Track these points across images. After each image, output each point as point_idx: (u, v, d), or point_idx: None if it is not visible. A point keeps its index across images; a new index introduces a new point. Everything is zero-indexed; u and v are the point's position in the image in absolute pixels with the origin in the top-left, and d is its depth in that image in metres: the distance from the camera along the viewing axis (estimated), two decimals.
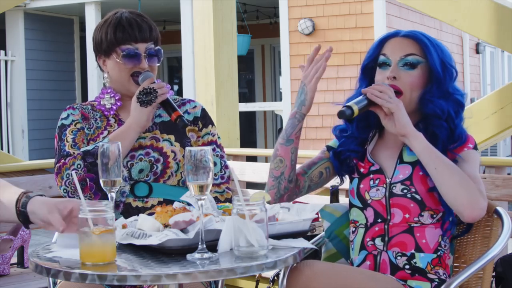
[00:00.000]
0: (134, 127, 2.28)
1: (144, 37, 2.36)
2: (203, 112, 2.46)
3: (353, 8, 8.51)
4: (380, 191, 2.17)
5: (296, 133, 2.22)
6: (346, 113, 2.09)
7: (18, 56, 10.51)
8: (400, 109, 2.08)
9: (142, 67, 2.36)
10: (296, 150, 2.23)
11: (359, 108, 2.10)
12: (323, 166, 2.30)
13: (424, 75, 2.17)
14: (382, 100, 2.08)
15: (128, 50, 2.34)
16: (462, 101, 2.19)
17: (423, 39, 2.18)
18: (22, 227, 3.41)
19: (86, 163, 2.22)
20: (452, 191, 2.02)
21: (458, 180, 2.02)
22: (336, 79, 8.55)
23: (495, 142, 5.40)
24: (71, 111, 2.40)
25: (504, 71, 14.32)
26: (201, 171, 1.70)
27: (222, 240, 1.74)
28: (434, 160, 2.06)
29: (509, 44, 4.30)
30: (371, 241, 2.16)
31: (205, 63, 5.11)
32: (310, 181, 2.28)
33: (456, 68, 2.22)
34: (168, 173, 2.32)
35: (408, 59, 2.17)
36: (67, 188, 2.24)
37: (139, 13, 2.43)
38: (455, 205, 2.03)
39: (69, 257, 1.76)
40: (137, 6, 9.16)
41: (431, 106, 2.14)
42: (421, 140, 2.08)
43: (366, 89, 2.12)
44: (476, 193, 2.02)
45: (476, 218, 2.04)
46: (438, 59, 2.16)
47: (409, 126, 2.09)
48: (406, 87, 2.16)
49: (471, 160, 2.12)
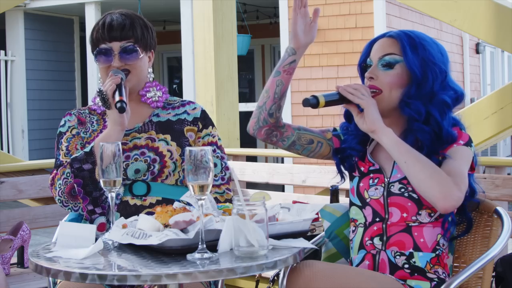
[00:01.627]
0: (113, 128, 2.28)
1: (116, 36, 2.35)
2: (203, 114, 2.46)
3: (353, 8, 8.51)
4: (379, 190, 2.17)
5: (284, 66, 2.21)
6: (310, 101, 2.12)
7: (18, 56, 10.51)
8: (370, 106, 2.10)
9: (114, 65, 2.35)
10: (282, 83, 2.22)
11: (326, 100, 2.12)
12: (318, 139, 2.30)
13: (404, 74, 2.16)
14: (353, 96, 2.11)
15: (100, 50, 2.36)
16: (448, 101, 2.15)
17: (402, 38, 2.17)
18: (22, 227, 3.41)
19: (73, 169, 2.24)
20: (422, 184, 2.02)
21: (429, 172, 2.02)
22: (336, 79, 8.55)
23: (495, 142, 5.40)
24: (68, 118, 2.43)
25: (504, 71, 14.31)
26: (201, 171, 1.70)
27: (222, 240, 1.74)
28: (403, 154, 2.06)
29: (509, 44, 4.30)
30: (370, 240, 2.17)
31: (205, 63, 5.10)
32: (298, 139, 2.27)
33: (447, 67, 2.19)
34: (166, 172, 2.32)
35: (386, 58, 2.17)
36: (60, 198, 2.28)
37: (129, 13, 2.42)
38: (427, 197, 2.03)
39: (69, 257, 1.76)
40: (137, 6, 9.16)
41: (407, 109, 2.14)
42: (390, 135, 2.09)
43: (339, 86, 2.15)
44: (449, 184, 2.00)
45: (449, 209, 2.03)
46: (417, 57, 2.14)
47: (378, 122, 2.10)
48: (385, 86, 2.16)
49: (457, 156, 2.10)
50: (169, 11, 10.70)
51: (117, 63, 2.35)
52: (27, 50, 10.59)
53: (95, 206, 2.27)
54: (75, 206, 2.27)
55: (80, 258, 1.75)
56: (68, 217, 2.40)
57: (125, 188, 2.31)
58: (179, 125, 2.40)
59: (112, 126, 2.27)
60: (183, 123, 2.41)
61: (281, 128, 2.26)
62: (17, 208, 4.04)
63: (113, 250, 1.86)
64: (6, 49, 10.53)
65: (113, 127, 2.27)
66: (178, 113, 2.44)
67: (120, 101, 2.22)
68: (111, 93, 2.25)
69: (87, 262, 1.73)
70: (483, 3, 4.27)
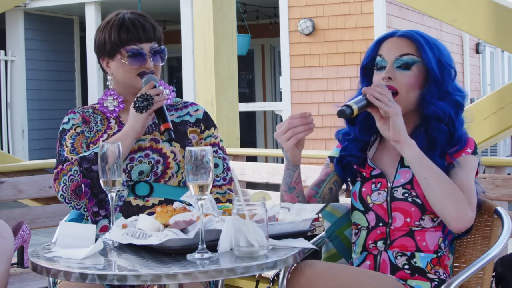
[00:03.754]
0: (130, 134, 2.27)
1: (148, 37, 2.36)
2: (205, 115, 2.46)
3: (353, 8, 8.51)
4: (382, 195, 2.16)
5: (295, 180, 2.19)
6: (346, 112, 2.07)
7: (18, 56, 10.51)
8: (397, 114, 2.06)
9: (147, 66, 2.36)
10: (302, 192, 2.22)
11: (358, 107, 2.08)
12: (332, 181, 2.29)
13: (421, 75, 2.15)
14: (381, 103, 2.06)
15: (133, 51, 2.34)
16: (461, 102, 2.16)
17: (418, 39, 2.16)
18: (22, 227, 3.41)
19: (82, 169, 2.23)
20: (439, 202, 2.02)
21: (447, 191, 2.01)
22: (336, 79, 8.55)
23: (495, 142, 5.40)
24: (72, 115, 2.41)
25: (504, 71, 14.31)
26: (202, 171, 1.70)
27: (222, 240, 1.74)
28: (424, 169, 2.04)
29: (509, 44, 4.30)
30: (373, 243, 2.16)
31: (205, 63, 5.11)
32: (322, 200, 2.26)
33: (455, 68, 2.20)
34: (169, 173, 2.32)
35: (403, 59, 2.15)
36: (64, 194, 2.25)
37: (141, 13, 2.42)
38: (442, 215, 2.03)
39: (69, 257, 1.76)
40: (137, 6, 9.15)
41: (432, 107, 2.12)
42: (413, 148, 2.06)
43: (366, 89, 2.09)
44: (464, 205, 2.01)
45: (461, 230, 2.05)
46: (434, 58, 2.14)
47: (403, 133, 2.06)
48: (402, 87, 2.14)
49: (467, 167, 2.10)
50: (169, 11, 10.71)
51: (149, 64, 2.36)
52: (27, 50, 10.60)
53: (100, 208, 2.26)
54: (77, 204, 2.26)
55: (80, 258, 1.75)
56: (68, 217, 2.40)
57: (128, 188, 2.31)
58: (182, 126, 2.40)
59: (130, 133, 2.27)
60: (186, 125, 2.41)
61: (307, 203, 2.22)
62: (17, 208, 4.04)
63: (113, 250, 1.86)
64: (6, 49, 10.54)
65: (131, 134, 2.27)
66: (181, 115, 2.44)
67: (168, 129, 2.23)
68: (156, 107, 2.26)
69: (87, 262, 1.73)
70: (483, 3, 4.26)
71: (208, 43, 5.07)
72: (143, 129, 2.29)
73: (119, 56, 2.35)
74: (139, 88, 2.33)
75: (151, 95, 2.26)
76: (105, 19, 2.43)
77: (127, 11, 2.41)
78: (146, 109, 2.26)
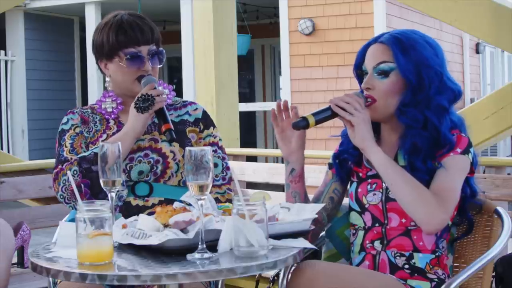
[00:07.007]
0: (130, 134, 2.27)
1: (146, 40, 2.36)
2: (204, 114, 2.46)
3: (353, 8, 8.51)
4: (377, 196, 2.16)
5: (288, 177, 2.22)
6: (299, 124, 2.08)
7: (18, 56, 10.51)
8: (359, 124, 2.06)
9: (145, 69, 2.35)
10: (298, 193, 2.23)
11: (316, 119, 2.08)
12: (331, 190, 2.30)
13: (399, 81, 2.12)
14: (344, 112, 2.07)
15: (131, 53, 2.33)
16: (445, 105, 2.11)
17: (393, 45, 2.13)
18: (22, 227, 3.40)
19: (82, 169, 2.22)
20: (408, 206, 2.03)
21: (415, 196, 2.01)
22: (336, 79, 8.55)
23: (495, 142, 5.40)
24: (71, 116, 2.41)
25: (504, 71, 14.30)
26: (201, 171, 1.70)
27: (222, 240, 1.74)
28: (390, 175, 2.04)
29: (509, 44, 4.30)
30: (370, 243, 2.16)
31: (205, 63, 5.11)
32: (325, 211, 2.25)
33: (442, 68, 2.14)
34: (168, 173, 2.32)
35: (380, 67, 2.14)
36: (63, 194, 2.25)
37: (139, 15, 2.42)
38: (413, 218, 2.05)
39: (69, 257, 1.76)
40: (137, 6, 9.16)
41: (403, 118, 2.11)
42: (379, 155, 2.06)
43: (332, 99, 2.10)
44: (434, 208, 1.99)
45: (433, 232, 2.06)
46: (410, 63, 2.10)
47: (367, 141, 2.07)
48: (381, 95, 2.13)
49: (452, 167, 2.06)
50: (169, 11, 10.70)
51: (148, 67, 2.35)
52: (27, 50, 10.60)
53: None
54: (77, 204, 2.26)
55: None
56: (68, 217, 2.40)
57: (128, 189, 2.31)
58: (181, 126, 2.40)
59: (130, 133, 2.27)
60: (185, 124, 2.41)
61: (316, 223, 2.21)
62: (17, 208, 4.04)
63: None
64: (6, 49, 10.54)
65: (131, 134, 2.27)
66: (180, 114, 2.44)
67: (169, 130, 2.24)
68: (157, 107, 2.27)
69: None
70: (483, 3, 4.27)
71: (208, 43, 5.07)
72: (143, 129, 2.29)
73: (117, 59, 2.35)
74: (137, 92, 2.33)
75: (152, 96, 2.26)
76: (102, 20, 2.42)
77: (125, 13, 2.40)
78: (148, 109, 2.26)
